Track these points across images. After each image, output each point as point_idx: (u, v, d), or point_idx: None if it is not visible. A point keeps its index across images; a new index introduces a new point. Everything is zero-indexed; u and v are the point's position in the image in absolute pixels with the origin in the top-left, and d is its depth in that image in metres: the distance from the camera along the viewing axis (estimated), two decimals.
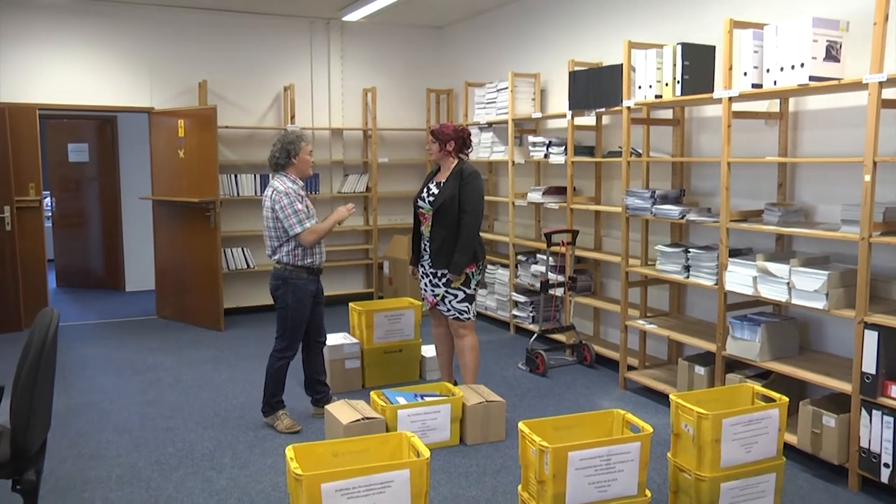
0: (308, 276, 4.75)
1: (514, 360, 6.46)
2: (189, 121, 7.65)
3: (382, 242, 9.06)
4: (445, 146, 4.95)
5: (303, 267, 4.72)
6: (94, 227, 10.04)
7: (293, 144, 4.68)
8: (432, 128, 5.02)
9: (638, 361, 5.75)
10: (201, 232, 7.68)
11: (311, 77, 8.73)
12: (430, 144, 4.99)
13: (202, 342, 7.18)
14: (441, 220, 4.87)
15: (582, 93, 6.15)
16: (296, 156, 4.69)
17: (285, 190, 4.63)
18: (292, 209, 4.60)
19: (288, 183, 4.68)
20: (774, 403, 3.63)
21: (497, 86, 7.54)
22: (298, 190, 4.68)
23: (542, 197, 6.85)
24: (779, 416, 3.56)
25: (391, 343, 5.82)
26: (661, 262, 5.20)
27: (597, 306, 6.43)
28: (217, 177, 7.51)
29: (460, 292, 4.98)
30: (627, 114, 5.43)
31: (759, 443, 3.53)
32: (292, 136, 4.71)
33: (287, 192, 4.62)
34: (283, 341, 4.79)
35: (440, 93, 9.09)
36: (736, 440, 3.48)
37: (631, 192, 5.43)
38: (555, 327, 6.44)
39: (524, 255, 7.35)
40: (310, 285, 4.76)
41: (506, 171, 7.84)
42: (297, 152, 4.69)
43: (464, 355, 5.05)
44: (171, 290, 8.12)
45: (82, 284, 10.06)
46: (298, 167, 4.72)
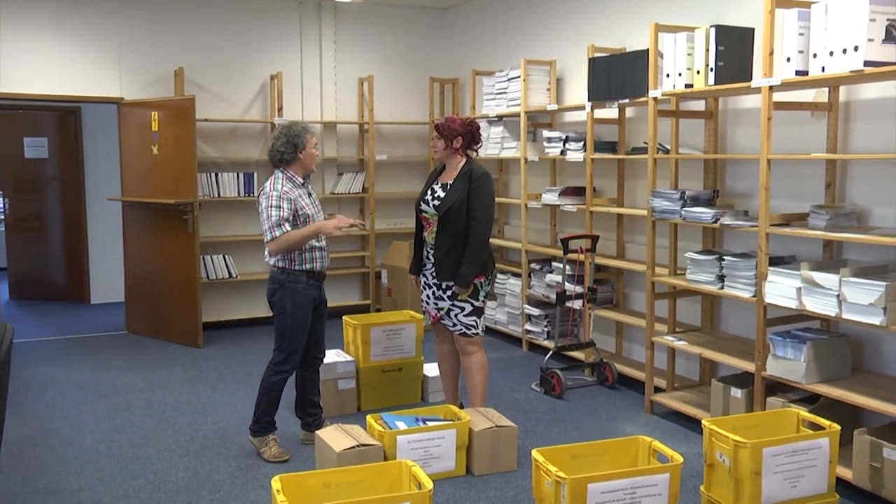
0: (308, 280, 4.76)
1: (527, 380, 6.45)
2: (164, 113, 7.63)
3: (380, 249, 9.04)
4: (452, 143, 4.95)
5: (302, 271, 4.73)
6: (55, 231, 10.03)
7: (300, 138, 4.72)
8: (437, 122, 5.02)
9: (666, 382, 5.74)
10: (177, 237, 7.65)
11: (301, 64, 8.73)
12: (435, 141, 4.99)
13: (178, 361, 7.15)
14: (447, 226, 4.87)
15: (603, 82, 6.14)
16: (302, 150, 4.73)
17: (274, 190, 4.64)
18: (268, 213, 4.59)
19: (282, 182, 4.69)
20: (824, 432, 3.58)
21: (508, 74, 7.54)
22: (293, 190, 4.69)
23: (558, 198, 6.85)
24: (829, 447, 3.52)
25: (390, 361, 5.82)
26: (691, 272, 5.19)
27: (619, 320, 6.42)
28: (195, 175, 7.50)
29: (467, 305, 4.97)
30: (654, 105, 5.41)
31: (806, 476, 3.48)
32: (298, 129, 4.75)
33: (276, 193, 4.63)
34: (281, 353, 4.78)
35: (445, 82, 9.08)
36: (779, 473, 3.43)
37: (658, 193, 5.41)
38: (572, 344, 6.42)
39: (538, 263, 7.33)
40: (310, 291, 4.77)
41: (518, 170, 7.83)
42: (304, 146, 4.73)
43: (471, 375, 5.05)
44: (142, 303, 8.10)
45: (40, 296, 10.03)
46: (304, 162, 4.76)
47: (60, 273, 10.06)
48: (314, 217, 4.76)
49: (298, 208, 4.66)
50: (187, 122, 7.46)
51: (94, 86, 7.91)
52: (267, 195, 4.64)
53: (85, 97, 7.94)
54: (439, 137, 4.96)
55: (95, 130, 9.67)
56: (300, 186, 4.76)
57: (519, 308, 7.48)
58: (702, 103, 5.70)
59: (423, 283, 5.15)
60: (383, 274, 8.59)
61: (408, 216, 9.13)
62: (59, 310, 9.48)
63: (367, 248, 9.04)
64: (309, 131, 4.77)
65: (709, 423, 3.78)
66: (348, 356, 5.82)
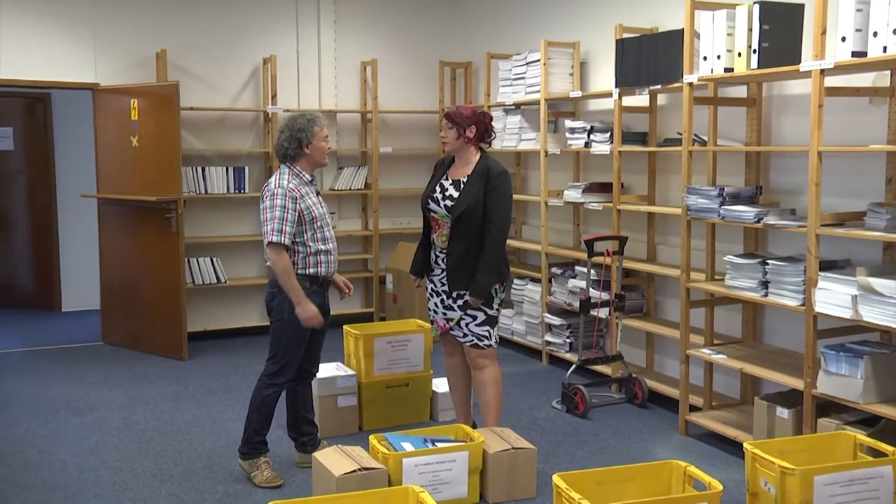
0: (312, 286, 4.76)
1: (548, 396, 6.45)
2: (144, 100, 7.62)
3: (385, 251, 9.04)
4: (465, 132, 4.94)
5: (305, 276, 4.74)
6: (21, 232, 10.04)
7: (304, 131, 4.73)
8: (448, 110, 5.02)
9: (703, 400, 5.73)
10: (160, 238, 7.65)
11: (297, 47, 8.73)
12: (446, 130, 4.99)
13: (160, 375, 7.15)
14: (461, 230, 4.86)
15: (632, 66, 6.14)
16: (308, 144, 4.74)
17: (280, 187, 4.65)
18: (271, 214, 4.62)
19: (288, 178, 4.71)
20: (886, 459, 3.53)
21: (526, 58, 7.53)
22: (299, 188, 4.70)
23: (582, 195, 6.85)
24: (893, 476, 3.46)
25: (395, 376, 5.83)
26: (731, 277, 5.18)
27: (650, 331, 6.43)
28: (180, 170, 7.50)
29: (480, 313, 4.97)
30: (689, 92, 5.40)
31: None
32: (302, 121, 4.75)
33: (282, 190, 4.64)
34: (275, 364, 4.80)
35: (456, 66, 9.09)
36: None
37: (693, 190, 5.40)
38: (598, 357, 6.44)
39: (560, 267, 7.33)
40: (313, 297, 4.75)
41: (537, 164, 7.81)
42: (311, 139, 4.74)
43: (483, 391, 5.05)
44: (120, 310, 8.09)
45: (5, 303, 10.00)
46: (312, 157, 4.78)
47: (28, 278, 10.06)
48: (322, 219, 4.78)
49: (304, 208, 4.68)
50: (170, 110, 7.45)
51: (65, 70, 7.90)
52: (271, 193, 4.65)
53: (55, 83, 7.93)
54: (450, 126, 4.95)
55: (67, 120, 9.68)
56: (308, 184, 4.77)
57: (538, 317, 7.47)
58: (743, 89, 5.67)
59: (429, 289, 5.15)
60: (388, 279, 8.60)
61: (415, 215, 9.01)
62: (26, 318, 9.47)
63: (369, 251, 9.04)
64: (317, 122, 4.77)
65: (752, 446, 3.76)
66: (349, 370, 5.82)
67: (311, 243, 4.72)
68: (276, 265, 4.62)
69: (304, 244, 4.71)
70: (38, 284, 10.00)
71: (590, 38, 7.27)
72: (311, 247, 4.72)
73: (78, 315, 9.55)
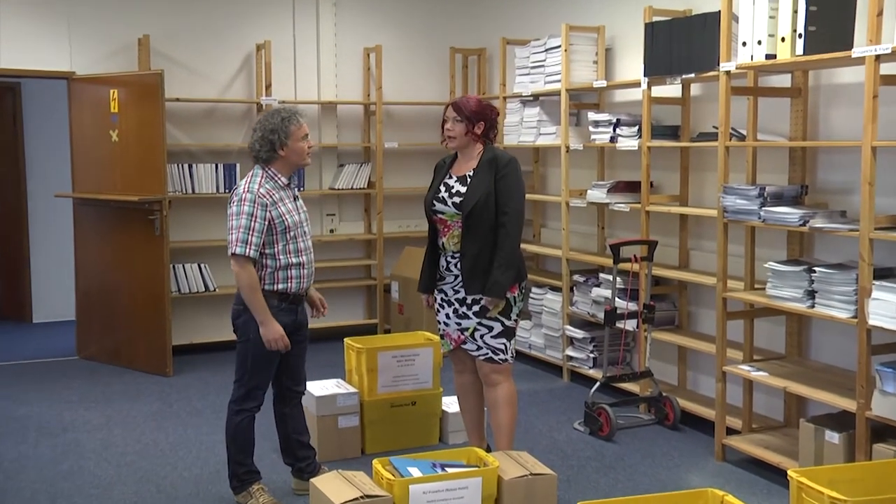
0: (280, 304, 4.74)
1: (569, 417, 6.47)
2: (125, 90, 7.62)
3: (390, 257, 9.02)
4: (474, 127, 4.96)
5: (273, 292, 4.71)
6: None
7: (278, 132, 4.67)
8: (455, 101, 5.03)
9: (741, 422, 5.71)
10: (142, 242, 7.65)
11: (294, 32, 8.75)
12: (454, 123, 4.98)
13: (141, 392, 7.16)
14: (474, 227, 4.87)
15: (663, 53, 6.14)
16: (283, 146, 4.68)
17: (248, 192, 4.63)
18: (240, 221, 4.61)
19: (260, 182, 4.68)
20: None
21: (546, 44, 7.53)
22: (271, 193, 4.67)
23: (608, 195, 6.85)
24: None
25: (401, 394, 5.85)
26: (773, 286, 5.18)
27: (683, 345, 6.43)
28: (164, 167, 7.51)
29: (496, 324, 4.95)
30: (727, 81, 5.40)
31: None
32: (276, 120, 4.69)
33: (250, 195, 4.61)
34: (242, 387, 4.80)
35: (468, 53, 9.10)
36: None
37: (731, 189, 5.40)
38: (624, 374, 6.45)
39: (582, 274, 7.33)
40: (282, 316, 4.73)
41: (557, 161, 7.79)
42: (286, 141, 4.68)
43: (496, 411, 5.06)
44: (97, 322, 8.09)
45: None
46: (288, 160, 4.74)
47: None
48: (300, 226, 4.76)
49: (276, 216, 4.65)
50: (154, 101, 7.45)
51: (37, 57, 7.90)
52: (239, 198, 4.64)
53: (26, 71, 7.93)
54: (459, 119, 4.95)
55: (39, 112, 9.68)
56: (283, 188, 4.74)
57: (558, 329, 7.46)
58: (787, 78, 5.66)
59: (439, 299, 5.14)
60: (393, 287, 8.59)
61: (423, 216, 8.97)
62: None
63: (373, 256, 9.03)
64: (293, 120, 4.70)
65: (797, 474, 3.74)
66: (350, 387, 5.83)
67: (282, 256, 4.69)
68: (239, 279, 4.61)
69: (274, 257, 4.68)
70: (6, 293, 10.00)
71: (616, 21, 7.26)
72: (281, 260, 4.69)
73: (51, 327, 9.54)
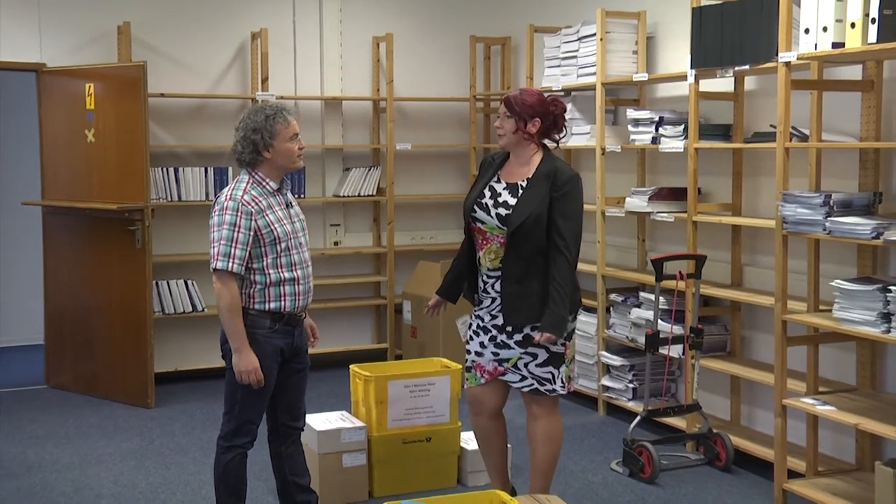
0: (273, 325, 4.74)
1: (606, 456, 6.49)
2: (103, 85, 7.65)
3: (402, 273, 9.02)
4: (526, 125, 4.94)
5: (264, 312, 4.71)
6: None
7: (261, 132, 4.66)
8: (509, 94, 5.02)
9: (805, 464, 5.68)
10: (121, 256, 7.66)
11: (294, 19, 8.78)
12: (503, 119, 5.00)
13: (119, 426, 7.16)
14: (520, 247, 4.86)
15: (713, 41, 6.13)
16: (268, 147, 4.67)
17: (231, 200, 4.62)
18: (221, 232, 4.59)
19: (245, 188, 4.68)
20: None
21: (579, 32, 7.52)
22: (258, 200, 4.67)
23: (649, 204, 6.85)
24: None
25: (414, 429, 5.87)
26: (841, 307, 5.14)
27: (736, 374, 6.41)
28: (147, 171, 7.52)
29: (541, 350, 4.94)
30: (786, 74, 5.39)
31: None
32: (259, 118, 4.68)
33: (233, 203, 4.60)
34: (232, 421, 4.80)
35: (491, 42, 9.12)
36: None
37: (791, 197, 5.38)
38: (669, 407, 6.44)
39: (620, 293, 7.36)
40: (275, 339, 4.74)
41: (592, 164, 7.77)
42: (271, 142, 4.67)
43: (535, 447, 5.08)
44: (70, 346, 8.09)
45: None
46: (275, 163, 4.72)
47: None
48: (289, 239, 4.72)
49: (263, 226, 4.63)
50: (135, 97, 7.47)
51: (2, 47, 7.91)
52: (220, 206, 4.63)
53: None
54: (508, 115, 4.97)
55: (4, 109, 9.69)
56: (272, 194, 4.72)
57: (593, 356, 7.44)
58: (858, 69, 5.63)
59: (474, 325, 5.13)
60: (405, 307, 8.58)
61: (439, 227, 9.12)
62: None
63: (383, 272, 9.03)
64: (279, 118, 4.68)
65: None
66: (357, 421, 5.85)
67: (272, 271, 4.66)
68: (219, 298, 4.61)
69: (263, 272, 4.66)
70: None
71: (659, 6, 7.26)
72: (272, 275, 4.67)
73: (16, 352, 9.56)
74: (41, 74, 7.98)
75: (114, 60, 7.99)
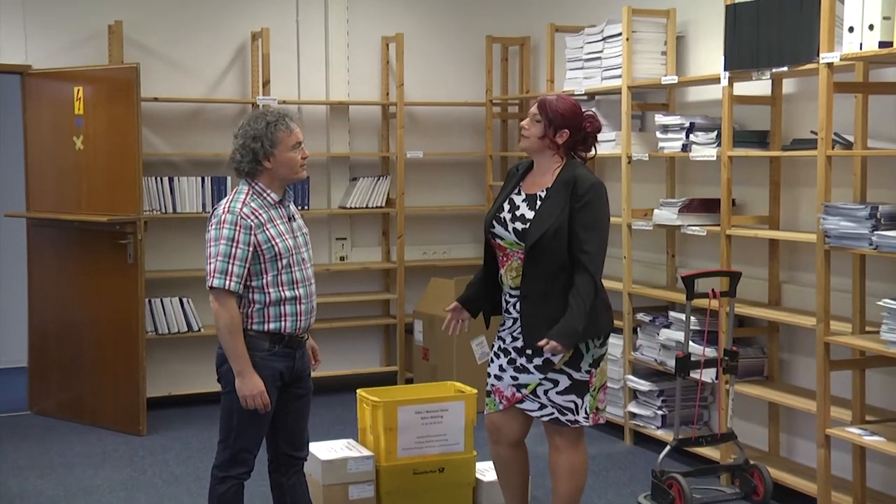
0: (272, 347, 4.72)
1: (633, 489, 6.49)
2: (92, 88, 7.67)
3: (413, 290, 9.01)
4: (556, 134, 4.91)
5: (263, 332, 4.70)
6: None
7: (262, 139, 4.64)
8: (545, 97, 5.00)
9: (851, 500, 5.65)
10: (112, 272, 7.66)
11: (297, 18, 8.81)
12: (531, 122, 4.97)
13: (109, 455, 7.15)
14: (539, 263, 4.85)
15: (748, 41, 6.12)
16: (269, 157, 4.66)
17: (229, 213, 4.61)
18: (218, 247, 4.58)
19: (244, 200, 4.67)
20: None
21: (603, 31, 7.53)
22: (258, 213, 4.66)
23: (679, 216, 6.85)
24: None
25: (426, 458, 5.88)
26: (889, 329, 5.13)
27: (774, 401, 6.40)
28: (139, 181, 7.53)
29: (563, 377, 4.90)
30: (828, 75, 5.40)
31: None
32: (260, 124, 4.67)
33: (231, 217, 4.59)
34: (227, 449, 4.77)
35: (509, 43, 9.14)
36: None
37: (834, 209, 5.39)
38: (701, 436, 6.40)
39: (648, 313, 7.36)
40: (277, 362, 4.72)
41: (617, 173, 7.77)
42: (272, 150, 4.65)
43: (556, 481, 5.06)
44: (55, 369, 8.09)
45: None
46: (276, 173, 4.71)
47: None
48: (295, 253, 4.72)
49: (263, 241, 4.62)
50: (127, 101, 7.48)
51: None
52: (218, 220, 4.61)
53: None
54: (538, 119, 4.93)
55: None
56: (273, 206, 4.71)
57: (619, 380, 7.45)
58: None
59: (496, 346, 5.11)
60: (416, 327, 8.57)
61: (453, 241, 9.13)
62: None
63: (392, 289, 9.04)
64: (281, 124, 4.66)
65: None
66: (364, 450, 5.87)
67: (272, 289, 4.65)
68: (217, 318, 4.60)
69: (262, 290, 4.64)
70: None
71: (689, 3, 7.26)
72: (272, 294, 4.65)
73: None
74: (26, 77, 7.98)
75: (104, 62, 8.00)
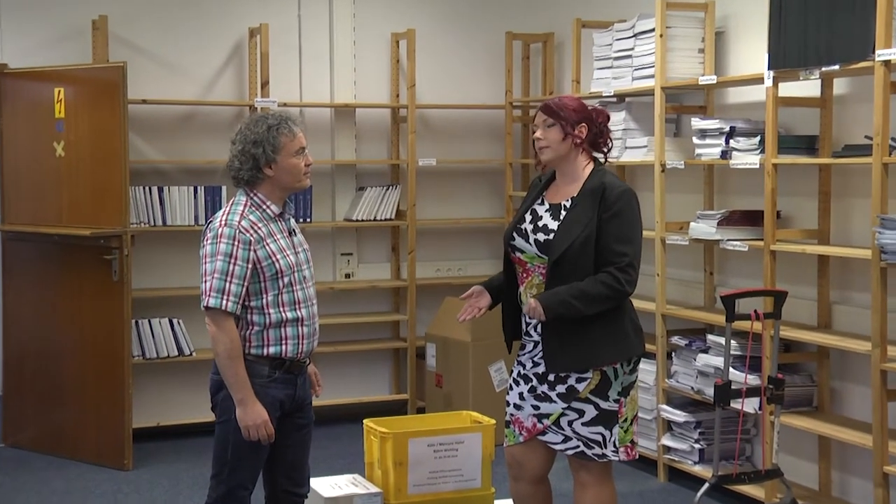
0: (272, 373, 4.73)
1: None
2: (75, 89, 7.69)
3: (425, 311, 9.00)
4: (574, 131, 4.90)
5: (262, 357, 4.69)
6: None
7: (263, 144, 4.66)
8: (547, 101, 5.00)
9: None
10: (95, 290, 7.68)
11: (299, 13, 8.84)
12: (544, 130, 4.95)
13: (91, 492, 7.17)
14: (565, 278, 4.81)
15: (795, 37, 6.11)
16: (270, 164, 4.67)
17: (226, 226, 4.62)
18: (214, 264, 4.58)
19: (242, 212, 4.69)
20: None
21: (634, 27, 7.54)
22: (257, 227, 4.68)
23: (718, 230, 6.81)
24: None
25: (440, 495, 5.97)
26: None
27: (825, 434, 6.35)
28: (126, 191, 7.53)
29: (589, 406, 4.89)
30: (885, 75, 5.45)
31: None
32: (261, 128, 4.69)
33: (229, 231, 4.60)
34: (220, 485, 4.77)
35: (531, 40, 9.17)
36: None
37: (890, 222, 5.42)
38: (743, 472, 6.33)
39: (684, 336, 7.32)
40: (276, 389, 4.73)
41: (650, 182, 7.74)
42: (274, 156, 4.67)
43: None
44: (32, 397, 8.09)
45: None
46: (278, 181, 4.73)
47: None
48: (298, 270, 4.73)
49: (263, 257, 4.63)
50: (113, 104, 7.50)
51: None
52: (214, 234, 4.62)
53: None
54: (550, 123, 4.92)
55: None
56: (273, 219, 4.72)
57: (652, 410, 7.43)
58: None
59: (515, 371, 5.10)
60: (429, 351, 8.56)
61: (469, 258, 9.14)
62: None
63: (402, 310, 9.05)
64: (283, 128, 4.68)
65: None
66: (371, 486, 5.95)
67: (272, 310, 4.66)
68: (215, 342, 4.60)
69: (262, 311, 4.65)
70: None
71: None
72: (272, 315, 4.66)
73: None
74: (2, 77, 7.98)
75: (88, 60, 8.01)
